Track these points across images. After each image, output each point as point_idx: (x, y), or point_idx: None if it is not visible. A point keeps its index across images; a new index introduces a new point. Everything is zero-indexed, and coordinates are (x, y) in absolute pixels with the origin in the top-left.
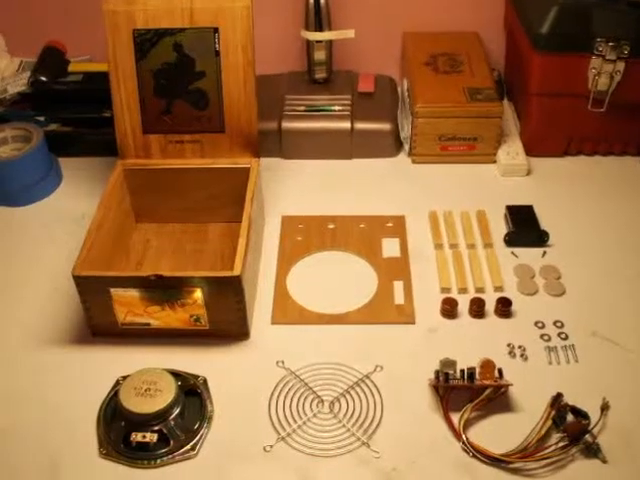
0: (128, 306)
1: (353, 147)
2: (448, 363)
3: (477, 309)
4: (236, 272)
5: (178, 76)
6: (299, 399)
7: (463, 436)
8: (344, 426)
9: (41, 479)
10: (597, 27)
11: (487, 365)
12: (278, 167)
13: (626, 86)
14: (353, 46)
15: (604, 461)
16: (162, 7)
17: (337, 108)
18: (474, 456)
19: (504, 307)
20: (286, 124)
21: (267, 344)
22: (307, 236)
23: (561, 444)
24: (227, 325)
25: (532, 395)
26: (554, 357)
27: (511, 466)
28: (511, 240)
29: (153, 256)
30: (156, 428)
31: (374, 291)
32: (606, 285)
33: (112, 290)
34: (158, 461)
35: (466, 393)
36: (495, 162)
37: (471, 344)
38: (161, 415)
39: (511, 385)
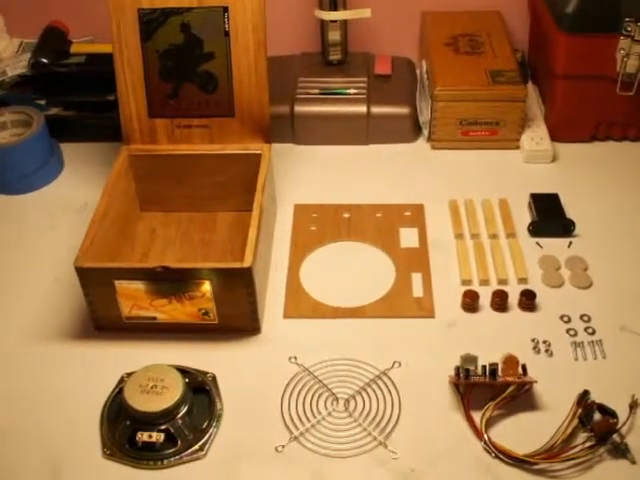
0: (133, 299)
1: (369, 132)
2: (469, 359)
3: (500, 302)
4: (246, 263)
5: (185, 58)
6: (313, 397)
7: (485, 436)
8: (360, 425)
9: None
10: (625, 6)
11: (510, 361)
12: (290, 153)
13: None
14: (369, 26)
15: (633, 462)
16: None
17: (352, 91)
18: (496, 457)
19: (528, 300)
20: (299, 108)
21: (279, 339)
22: (321, 226)
23: (588, 444)
24: (237, 319)
25: (557, 393)
26: (580, 353)
27: (535, 467)
28: (535, 230)
29: (159, 246)
30: (163, 427)
31: (391, 283)
32: (635, 277)
33: (116, 282)
34: (165, 462)
35: (488, 390)
36: (519, 148)
37: (493, 339)
38: (168, 414)
39: (535, 382)
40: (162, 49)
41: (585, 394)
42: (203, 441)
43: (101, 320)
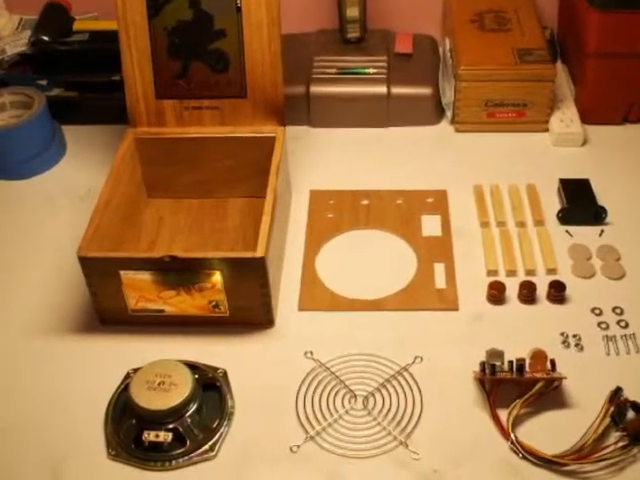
0: (140, 291)
1: (389, 114)
2: (495, 354)
3: (527, 294)
4: (259, 253)
5: (195, 35)
6: (329, 394)
7: (512, 435)
8: (379, 424)
9: None
10: None
11: (538, 356)
12: (306, 136)
13: None
14: (389, 2)
15: None
16: None
17: (372, 71)
18: (524, 457)
19: (557, 292)
20: (315, 88)
21: (294, 333)
22: (338, 213)
23: (621, 444)
24: (249, 312)
25: (588, 389)
26: (613, 347)
27: (565, 468)
28: (565, 217)
29: (167, 235)
30: (171, 426)
31: (413, 274)
32: None
33: (122, 273)
34: (173, 463)
35: (515, 387)
36: (547, 130)
37: (520, 333)
38: (176, 412)
39: (565, 378)
40: (170, 26)
41: (618, 391)
42: (213, 441)
43: (106, 313)
